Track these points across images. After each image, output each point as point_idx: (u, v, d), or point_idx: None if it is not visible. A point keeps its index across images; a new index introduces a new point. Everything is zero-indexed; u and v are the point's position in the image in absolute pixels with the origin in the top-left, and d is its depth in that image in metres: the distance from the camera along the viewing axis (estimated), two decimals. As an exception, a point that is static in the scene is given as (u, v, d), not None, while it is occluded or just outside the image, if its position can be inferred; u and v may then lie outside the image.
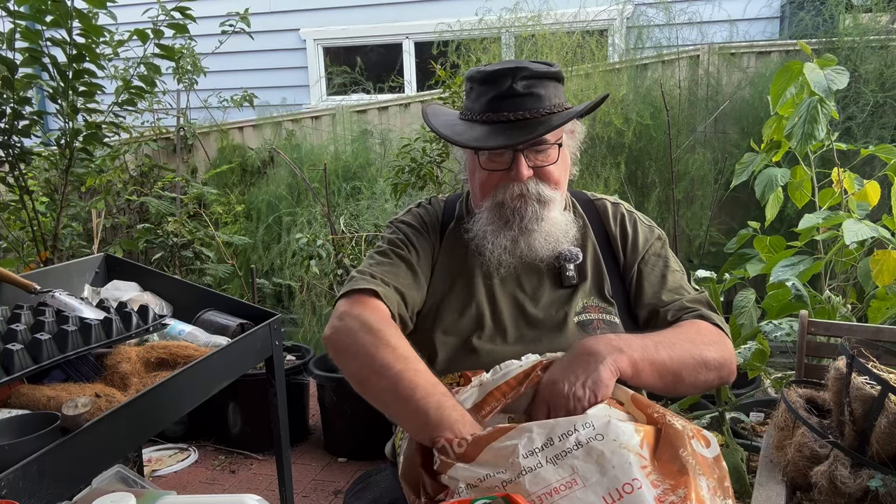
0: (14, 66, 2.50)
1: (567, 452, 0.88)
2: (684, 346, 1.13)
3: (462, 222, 1.34)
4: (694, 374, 1.13)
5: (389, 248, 1.30)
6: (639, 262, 1.31)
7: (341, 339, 1.14)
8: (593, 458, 0.87)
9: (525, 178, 1.20)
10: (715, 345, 1.17)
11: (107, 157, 3.73)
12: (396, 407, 1.06)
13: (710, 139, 3.69)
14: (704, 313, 1.22)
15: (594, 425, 0.90)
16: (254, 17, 4.19)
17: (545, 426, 0.92)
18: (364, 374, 1.11)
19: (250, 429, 3.05)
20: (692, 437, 0.92)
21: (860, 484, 1.30)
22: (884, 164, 2.55)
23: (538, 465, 0.88)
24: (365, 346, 1.11)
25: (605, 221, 1.35)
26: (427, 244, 1.32)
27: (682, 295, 1.26)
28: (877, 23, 3.56)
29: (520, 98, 1.19)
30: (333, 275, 3.18)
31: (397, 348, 1.10)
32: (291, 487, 1.86)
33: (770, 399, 2.75)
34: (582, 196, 1.42)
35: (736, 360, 1.21)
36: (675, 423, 0.94)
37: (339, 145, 4.46)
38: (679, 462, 0.88)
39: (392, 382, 1.05)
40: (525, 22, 4.10)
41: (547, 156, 1.23)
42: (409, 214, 1.38)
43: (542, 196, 1.22)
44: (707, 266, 2.76)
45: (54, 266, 1.98)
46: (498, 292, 1.27)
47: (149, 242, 3.87)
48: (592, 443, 0.89)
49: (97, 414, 1.21)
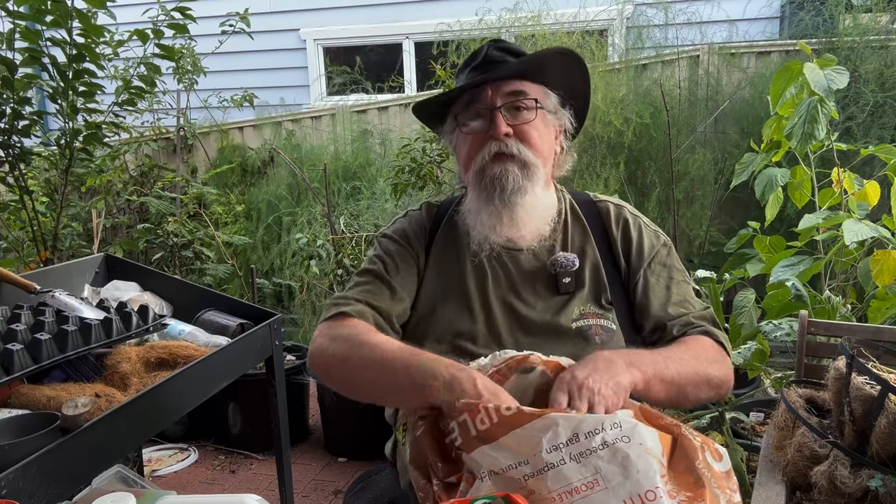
0: (14, 66, 2.50)
1: (592, 451, 0.86)
2: (691, 363, 1.13)
3: (454, 219, 1.33)
4: (696, 391, 1.14)
5: (367, 268, 1.30)
6: (644, 270, 1.28)
7: (314, 359, 1.18)
8: (618, 460, 0.85)
9: (502, 132, 1.20)
10: (718, 363, 1.17)
11: (107, 157, 3.74)
12: (397, 383, 1.05)
13: (710, 139, 3.69)
14: (709, 330, 1.22)
15: (622, 426, 0.89)
16: (254, 17, 4.19)
17: (571, 420, 0.89)
18: (349, 377, 1.14)
19: (250, 429, 3.05)
20: (706, 449, 0.91)
21: (860, 484, 1.30)
22: (884, 164, 2.55)
23: (561, 461, 0.86)
24: (338, 353, 1.14)
25: (608, 224, 1.32)
26: (410, 257, 1.30)
27: (687, 309, 1.25)
28: (877, 23, 3.56)
29: (494, 63, 1.23)
30: (333, 275, 3.18)
31: (374, 341, 1.12)
32: (291, 487, 1.86)
33: (770, 399, 2.75)
34: (584, 197, 1.38)
35: (733, 376, 1.21)
36: (690, 433, 0.93)
37: (339, 145, 4.46)
38: (695, 474, 0.87)
39: (380, 364, 1.07)
40: (525, 22, 4.10)
41: (525, 115, 1.23)
42: (393, 226, 1.37)
43: (523, 156, 1.21)
44: (707, 266, 2.76)
45: (54, 266, 1.98)
46: (492, 298, 1.25)
47: (149, 242, 3.88)
48: (619, 444, 0.87)
49: (97, 414, 1.21)
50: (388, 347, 1.10)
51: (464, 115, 1.26)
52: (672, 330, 1.22)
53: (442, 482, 0.93)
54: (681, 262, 1.33)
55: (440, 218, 1.37)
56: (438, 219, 1.36)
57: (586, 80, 1.32)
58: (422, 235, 1.34)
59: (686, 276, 1.31)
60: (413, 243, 1.33)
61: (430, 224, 1.36)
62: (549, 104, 1.27)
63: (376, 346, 1.11)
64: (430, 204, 1.41)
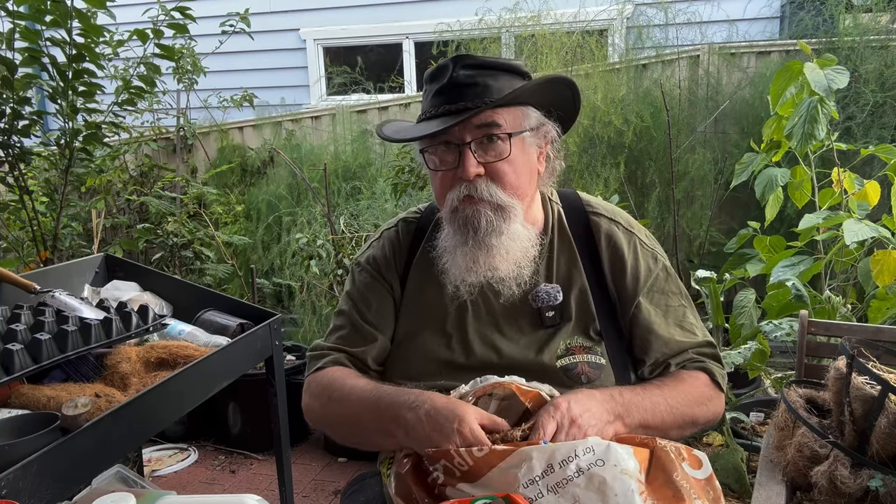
0: (14, 66, 2.50)
1: (568, 480, 0.86)
2: (679, 408, 1.11)
3: (432, 240, 1.23)
4: (680, 433, 1.12)
5: (342, 308, 1.28)
6: (640, 297, 1.19)
7: (311, 418, 1.23)
8: (595, 485, 0.85)
9: (471, 175, 1.08)
10: (709, 403, 1.16)
11: (107, 157, 3.74)
12: (369, 435, 1.10)
13: (710, 139, 3.69)
14: (707, 367, 1.18)
15: (594, 450, 0.89)
16: (254, 17, 4.19)
17: (544, 451, 0.89)
18: (334, 432, 1.21)
19: (250, 429, 3.05)
20: (684, 459, 0.92)
21: (860, 484, 1.30)
22: (884, 164, 2.55)
23: (539, 494, 0.86)
24: (317, 411, 1.20)
25: (598, 244, 1.21)
26: (384, 289, 1.25)
27: (689, 340, 1.20)
28: (877, 23, 3.56)
29: (461, 88, 1.08)
30: (333, 275, 3.18)
31: (345, 391, 1.15)
32: (291, 487, 1.85)
33: (770, 399, 2.75)
34: (576, 204, 1.26)
35: (722, 409, 1.20)
36: (666, 445, 0.93)
37: (338, 145, 4.46)
38: (673, 486, 0.87)
39: (351, 419, 1.13)
40: (525, 22, 4.10)
41: (498, 150, 1.09)
42: (366, 253, 1.30)
43: (496, 200, 1.09)
44: (707, 266, 2.76)
45: (54, 266, 1.98)
46: (471, 334, 1.18)
47: (149, 242, 3.88)
48: (594, 469, 0.86)
49: (97, 414, 1.21)
50: (356, 397, 1.12)
51: (431, 147, 1.13)
52: (671, 365, 1.18)
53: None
54: (679, 282, 1.25)
55: (419, 236, 1.28)
56: (417, 238, 1.28)
57: (575, 91, 1.18)
58: (395, 263, 1.26)
59: (684, 298, 1.24)
60: (385, 274, 1.26)
61: (408, 245, 1.27)
62: (527, 124, 1.13)
63: (346, 398, 1.14)
64: (406, 221, 1.31)
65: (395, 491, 1.00)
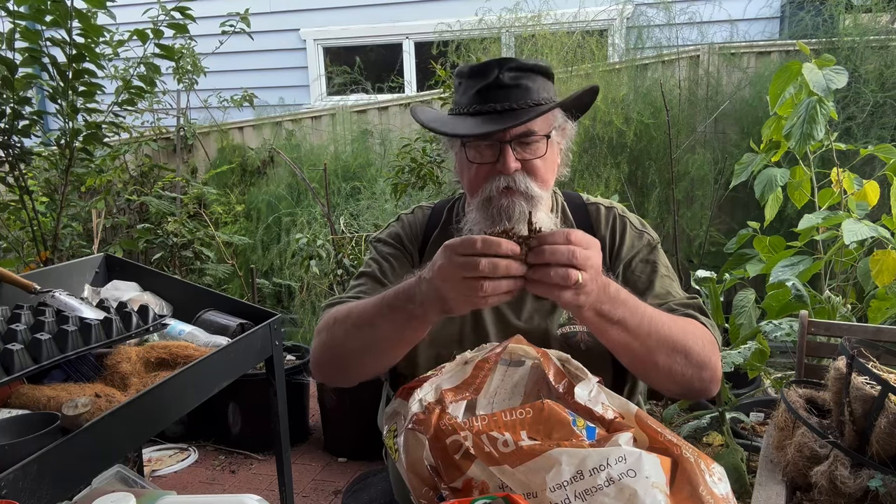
0: (14, 66, 2.50)
1: (597, 489, 0.84)
2: (673, 331, 1.08)
3: (448, 227, 1.33)
4: (669, 360, 1.08)
5: (363, 271, 1.33)
6: (623, 270, 1.28)
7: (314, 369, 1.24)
8: (625, 497, 0.83)
9: (512, 169, 1.18)
10: (702, 344, 1.13)
11: (107, 157, 3.74)
12: (382, 332, 1.09)
13: (710, 139, 3.70)
14: (695, 315, 1.19)
15: (626, 459, 0.86)
16: (254, 17, 4.19)
17: (575, 456, 0.87)
18: (353, 346, 1.16)
19: (250, 429, 3.05)
20: (706, 471, 0.90)
21: (860, 484, 1.31)
22: (883, 164, 2.55)
23: (565, 500, 0.84)
24: (325, 342, 1.19)
25: (596, 227, 1.33)
26: (404, 258, 1.33)
27: (669, 300, 1.23)
28: (877, 23, 3.56)
29: (507, 89, 1.19)
30: (333, 275, 3.18)
31: (345, 311, 1.15)
32: (291, 487, 1.85)
33: (770, 399, 2.75)
34: (576, 200, 1.39)
35: (721, 374, 1.16)
36: (689, 454, 0.91)
37: (338, 145, 4.46)
38: (699, 501, 0.86)
39: (357, 325, 1.12)
40: (525, 22, 4.11)
41: (535, 149, 1.21)
42: (387, 230, 1.39)
43: (530, 192, 1.20)
44: (707, 266, 2.76)
45: (54, 266, 1.98)
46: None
47: (149, 242, 3.88)
48: (624, 480, 0.84)
49: (97, 414, 1.21)
50: (361, 306, 1.13)
51: (474, 142, 1.23)
52: None
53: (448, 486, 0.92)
54: (667, 261, 1.32)
55: (435, 221, 1.37)
56: (433, 222, 1.37)
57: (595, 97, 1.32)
58: (415, 238, 1.36)
59: (671, 273, 1.30)
60: (407, 245, 1.35)
61: (424, 227, 1.37)
62: (555, 123, 1.25)
63: (352, 310, 1.14)
64: (422, 207, 1.42)
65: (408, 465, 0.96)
